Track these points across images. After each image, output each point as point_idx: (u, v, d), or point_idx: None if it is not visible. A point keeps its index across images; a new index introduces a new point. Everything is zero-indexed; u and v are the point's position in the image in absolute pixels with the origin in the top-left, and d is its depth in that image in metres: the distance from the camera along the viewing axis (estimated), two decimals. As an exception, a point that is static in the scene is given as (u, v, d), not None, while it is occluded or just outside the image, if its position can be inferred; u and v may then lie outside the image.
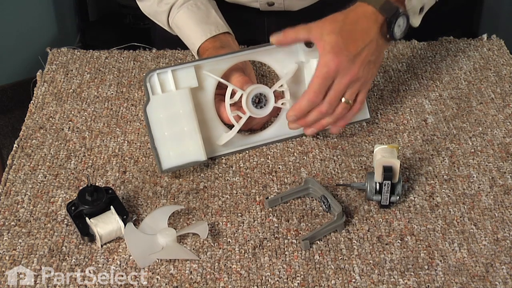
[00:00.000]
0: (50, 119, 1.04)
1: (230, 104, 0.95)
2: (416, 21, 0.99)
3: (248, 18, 1.21)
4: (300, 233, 0.85)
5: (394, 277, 0.79)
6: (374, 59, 0.94)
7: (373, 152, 0.90)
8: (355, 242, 0.84)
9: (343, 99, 0.93)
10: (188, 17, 1.08)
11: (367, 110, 1.02)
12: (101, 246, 0.83)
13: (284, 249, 0.83)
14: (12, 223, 0.86)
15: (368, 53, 0.92)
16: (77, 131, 1.01)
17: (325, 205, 0.87)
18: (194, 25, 1.07)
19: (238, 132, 0.96)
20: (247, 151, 0.98)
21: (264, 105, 0.96)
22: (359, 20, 0.92)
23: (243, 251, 0.83)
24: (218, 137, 0.97)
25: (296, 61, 0.98)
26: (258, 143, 0.99)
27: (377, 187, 0.86)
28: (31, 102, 1.07)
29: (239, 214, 0.88)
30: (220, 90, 0.96)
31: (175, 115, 0.92)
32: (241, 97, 0.94)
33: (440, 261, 0.81)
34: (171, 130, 0.92)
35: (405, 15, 0.94)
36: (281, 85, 0.97)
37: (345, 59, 0.90)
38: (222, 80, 0.94)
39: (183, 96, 0.92)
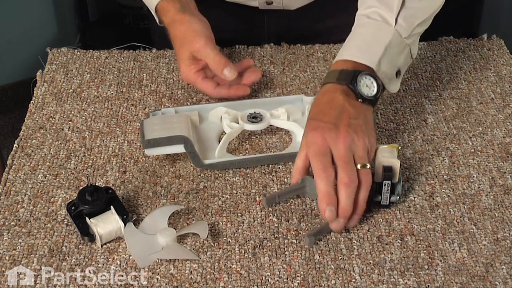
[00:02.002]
0: (50, 119, 1.04)
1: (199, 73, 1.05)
2: (393, 87, 0.94)
3: (247, 16, 1.21)
4: (300, 233, 0.85)
5: (394, 277, 0.79)
6: (362, 123, 0.86)
7: (373, 152, 0.90)
8: (355, 242, 0.84)
9: (358, 166, 0.83)
10: None
11: None
12: (101, 246, 0.83)
13: (284, 249, 0.83)
14: (12, 223, 0.86)
15: (348, 116, 0.85)
16: (77, 131, 1.01)
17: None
18: None
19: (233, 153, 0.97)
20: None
21: (260, 121, 0.99)
22: (323, 97, 0.89)
23: (243, 251, 0.83)
24: (211, 154, 0.96)
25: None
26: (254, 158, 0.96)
27: (377, 187, 0.86)
28: (31, 102, 1.07)
29: (239, 214, 0.88)
30: (197, 65, 1.04)
31: (168, 118, 0.98)
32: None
33: (440, 261, 0.81)
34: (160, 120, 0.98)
35: (369, 75, 0.89)
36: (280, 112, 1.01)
37: (326, 128, 0.84)
38: (225, 128, 0.99)
39: (182, 116, 0.98)
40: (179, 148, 0.92)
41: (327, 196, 0.81)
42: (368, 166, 0.83)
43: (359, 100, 0.88)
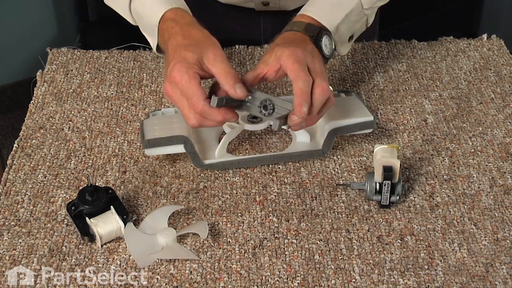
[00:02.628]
0: (50, 119, 1.04)
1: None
2: (344, 50, 1.01)
3: (244, 18, 1.21)
4: (300, 233, 0.85)
5: (394, 277, 0.79)
6: (322, 66, 0.90)
7: (373, 152, 0.90)
8: (355, 242, 0.84)
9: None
10: None
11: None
12: (101, 246, 0.83)
13: (284, 249, 0.83)
14: (12, 223, 0.86)
15: (314, 53, 0.91)
16: (77, 131, 1.01)
17: (265, 110, 0.87)
18: None
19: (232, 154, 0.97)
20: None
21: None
22: (293, 37, 0.93)
23: (243, 251, 0.83)
24: (211, 154, 0.96)
25: None
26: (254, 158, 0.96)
27: (377, 187, 0.86)
28: (31, 102, 1.07)
29: (239, 214, 0.88)
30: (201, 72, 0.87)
31: (168, 118, 0.97)
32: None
33: (440, 261, 0.81)
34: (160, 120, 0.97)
35: (328, 36, 0.96)
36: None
37: (304, 51, 0.88)
38: (225, 128, 0.97)
39: (182, 116, 0.95)
40: (179, 148, 0.92)
41: (306, 94, 0.85)
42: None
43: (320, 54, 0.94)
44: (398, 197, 0.87)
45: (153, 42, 0.99)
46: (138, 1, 0.99)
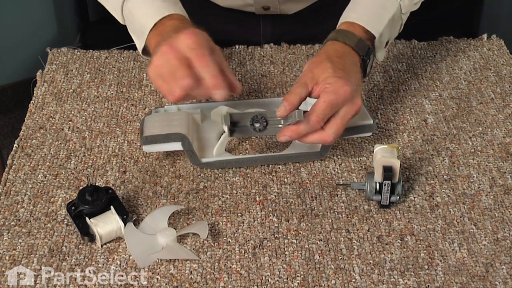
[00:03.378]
0: (50, 119, 1.04)
1: None
2: (381, 56, 0.99)
3: (244, 21, 1.21)
4: (300, 233, 0.85)
5: (394, 277, 0.79)
6: (347, 73, 0.90)
7: (373, 152, 0.90)
8: (355, 242, 0.84)
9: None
10: None
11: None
12: (101, 246, 0.83)
13: (284, 249, 0.83)
14: (12, 223, 0.86)
15: (359, 85, 0.90)
16: (77, 131, 1.01)
17: (259, 124, 0.88)
18: (159, 0, 0.94)
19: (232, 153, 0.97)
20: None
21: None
22: (344, 55, 0.91)
23: (243, 251, 0.83)
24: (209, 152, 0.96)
25: None
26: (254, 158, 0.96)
27: (377, 187, 0.86)
28: (31, 102, 1.07)
29: (239, 214, 0.88)
30: None
31: (169, 115, 0.97)
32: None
33: (440, 261, 0.81)
34: (160, 117, 0.97)
35: (373, 54, 0.95)
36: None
37: (351, 88, 0.87)
38: (225, 130, 0.94)
39: (182, 114, 0.97)
40: (177, 146, 0.92)
41: (297, 135, 0.88)
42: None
43: (363, 74, 0.93)
44: (398, 197, 0.87)
45: (140, 44, 0.97)
46: (135, 1, 0.97)
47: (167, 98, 0.86)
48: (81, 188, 0.87)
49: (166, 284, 0.79)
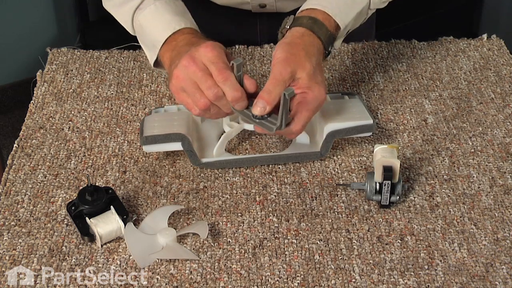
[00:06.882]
0: (50, 119, 1.04)
1: None
2: (338, 44, 0.99)
3: (240, 19, 1.21)
4: (300, 233, 0.85)
5: (394, 277, 0.79)
6: (321, 71, 0.91)
7: (373, 152, 0.90)
8: (355, 242, 0.84)
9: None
10: (164, 9, 0.97)
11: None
12: (101, 246, 0.83)
13: (284, 249, 0.83)
14: (12, 223, 0.86)
15: (321, 70, 0.91)
16: (77, 131, 1.01)
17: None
18: (169, 14, 0.96)
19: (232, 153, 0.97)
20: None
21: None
22: (317, 51, 0.91)
23: (243, 251, 0.83)
24: (210, 152, 0.96)
25: None
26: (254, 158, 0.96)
27: (377, 187, 0.86)
28: (31, 102, 1.07)
29: (239, 214, 0.88)
30: None
31: (169, 116, 0.97)
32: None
33: (440, 261, 0.81)
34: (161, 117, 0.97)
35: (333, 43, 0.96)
36: None
37: (326, 91, 0.88)
38: (224, 127, 0.96)
39: (182, 114, 0.97)
40: (177, 146, 0.92)
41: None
42: None
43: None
44: (398, 197, 0.87)
45: (151, 56, 0.98)
46: (145, 15, 0.98)
47: (192, 111, 0.87)
48: (81, 188, 0.87)
49: (166, 284, 0.79)
